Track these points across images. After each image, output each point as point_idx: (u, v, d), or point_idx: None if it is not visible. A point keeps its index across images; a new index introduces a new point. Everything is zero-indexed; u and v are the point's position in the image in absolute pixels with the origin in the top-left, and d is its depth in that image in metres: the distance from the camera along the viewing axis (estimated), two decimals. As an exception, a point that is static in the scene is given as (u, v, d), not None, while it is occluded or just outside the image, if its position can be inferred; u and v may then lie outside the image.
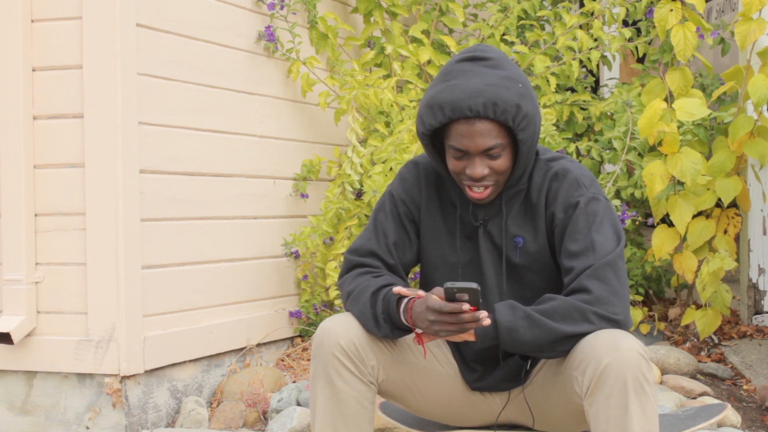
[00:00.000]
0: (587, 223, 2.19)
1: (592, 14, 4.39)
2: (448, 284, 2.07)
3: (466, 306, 2.07)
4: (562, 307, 2.13)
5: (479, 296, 2.07)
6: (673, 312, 4.32)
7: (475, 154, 2.17)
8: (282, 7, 3.98)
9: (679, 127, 3.93)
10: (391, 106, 4.11)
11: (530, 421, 2.38)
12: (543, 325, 2.11)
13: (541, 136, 3.97)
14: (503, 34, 4.46)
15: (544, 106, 4.30)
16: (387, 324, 2.21)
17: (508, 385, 2.36)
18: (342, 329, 2.22)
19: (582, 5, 4.55)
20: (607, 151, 4.27)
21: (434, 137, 2.27)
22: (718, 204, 3.93)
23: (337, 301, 3.91)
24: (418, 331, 2.18)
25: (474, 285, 2.06)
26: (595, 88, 5.33)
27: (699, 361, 3.89)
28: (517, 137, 2.17)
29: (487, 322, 2.09)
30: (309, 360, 3.89)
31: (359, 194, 4.07)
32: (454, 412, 2.42)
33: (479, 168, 2.18)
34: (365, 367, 2.23)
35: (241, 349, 3.78)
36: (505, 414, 2.40)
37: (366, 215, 3.96)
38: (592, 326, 2.11)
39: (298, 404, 3.40)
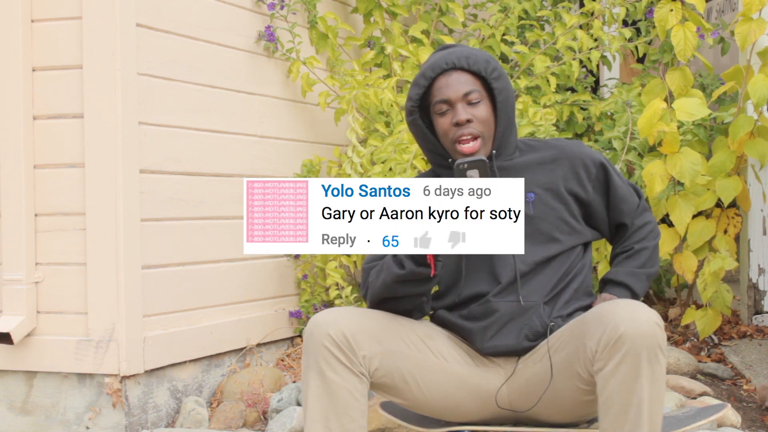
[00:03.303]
0: (617, 174, 2.55)
1: (592, 14, 4.38)
2: (459, 161, 2.23)
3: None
4: (647, 254, 2.57)
5: (488, 168, 2.23)
6: (673, 312, 4.32)
7: (456, 101, 2.41)
8: (282, 7, 3.98)
9: (679, 127, 3.92)
10: (391, 106, 4.11)
11: (531, 403, 2.38)
12: (648, 276, 2.56)
13: (541, 136, 3.96)
14: (503, 34, 4.46)
15: (544, 106, 4.30)
16: (411, 261, 2.27)
17: (524, 344, 2.41)
18: (331, 319, 2.27)
19: (582, 5, 4.54)
20: (607, 151, 4.27)
21: (423, 113, 2.47)
22: (718, 204, 3.93)
23: (338, 301, 3.91)
24: (431, 254, 2.27)
25: (482, 157, 2.25)
26: (595, 88, 5.33)
27: (699, 361, 3.89)
28: (491, 86, 2.42)
29: None
30: (309, 360, 3.88)
31: (359, 194, 4.06)
32: (451, 401, 2.42)
33: (462, 114, 2.41)
34: (356, 357, 2.26)
35: (241, 349, 3.78)
36: (508, 399, 2.42)
37: (366, 215, 3.96)
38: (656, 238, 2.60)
39: (298, 404, 3.40)
